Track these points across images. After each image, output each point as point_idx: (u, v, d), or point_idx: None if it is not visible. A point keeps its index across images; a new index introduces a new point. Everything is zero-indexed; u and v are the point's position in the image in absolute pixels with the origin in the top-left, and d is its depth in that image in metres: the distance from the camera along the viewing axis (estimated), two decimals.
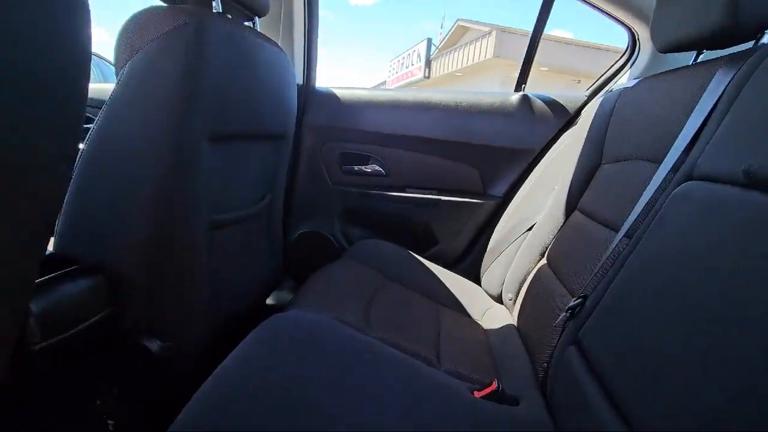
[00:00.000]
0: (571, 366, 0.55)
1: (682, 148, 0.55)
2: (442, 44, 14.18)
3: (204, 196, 0.64)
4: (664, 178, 0.56)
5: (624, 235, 0.59)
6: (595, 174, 0.83)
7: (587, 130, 0.88)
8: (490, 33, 10.61)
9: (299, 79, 1.20)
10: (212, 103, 0.60)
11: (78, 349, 0.56)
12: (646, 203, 0.57)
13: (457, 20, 13.38)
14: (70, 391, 0.59)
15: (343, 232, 1.30)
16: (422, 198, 1.23)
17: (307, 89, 1.21)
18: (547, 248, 0.90)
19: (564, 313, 0.62)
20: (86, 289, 0.55)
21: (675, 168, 0.55)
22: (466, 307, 0.98)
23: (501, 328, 0.89)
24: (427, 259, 1.09)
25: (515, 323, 0.89)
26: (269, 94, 0.78)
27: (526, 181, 1.14)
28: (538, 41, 1.15)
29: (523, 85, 1.20)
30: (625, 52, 1.12)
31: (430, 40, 13.86)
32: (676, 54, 0.71)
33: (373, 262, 0.99)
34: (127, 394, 0.68)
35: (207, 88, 0.59)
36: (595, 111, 0.88)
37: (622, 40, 1.12)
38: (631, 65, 1.10)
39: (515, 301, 0.94)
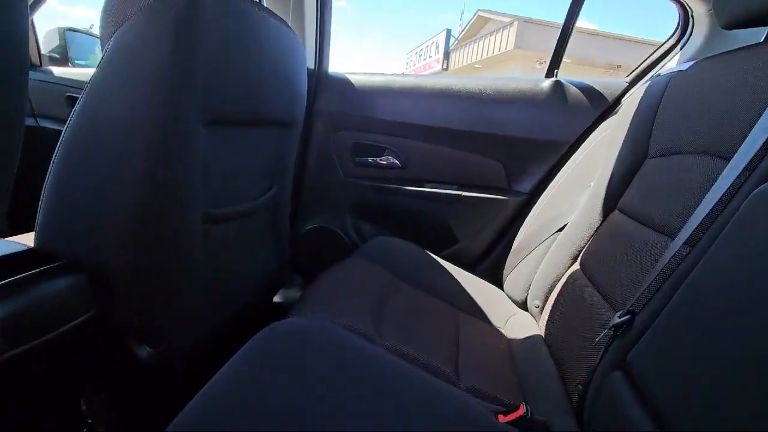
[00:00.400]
0: (617, 394, 0.47)
1: (762, 141, 0.46)
2: (461, 35, 13.89)
3: (199, 185, 0.57)
4: (738, 176, 0.47)
5: (684, 243, 0.50)
6: (639, 169, 0.74)
7: (630, 119, 0.79)
8: (511, 24, 10.32)
9: (310, 63, 1.12)
10: (207, 81, 0.53)
11: (56, 356, 0.50)
12: (714, 205, 0.48)
13: (478, 11, 13.07)
14: (50, 399, 0.54)
15: (355, 228, 1.22)
16: (441, 193, 1.14)
17: (319, 73, 1.13)
18: (580, 252, 0.81)
19: (607, 331, 0.54)
20: (66, 289, 0.50)
21: (752, 163, 0.46)
22: (487, 313, 0.90)
23: (526, 338, 0.81)
24: (445, 260, 1.01)
25: (542, 334, 0.81)
26: (275, 75, 0.70)
27: (556, 177, 1.04)
28: (574, 21, 1.04)
29: (556, 70, 1.09)
30: (674, 33, 1.00)
31: (449, 31, 13.62)
32: (736, 32, 0.61)
33: (386, 262, 0.93)
34: (115, 400, 0.63)
35: (200, 63, 0.52)
36: (639, 98, 0.79)
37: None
38: (682, 46, 0.98)
39: (542, 308, 0.85)
